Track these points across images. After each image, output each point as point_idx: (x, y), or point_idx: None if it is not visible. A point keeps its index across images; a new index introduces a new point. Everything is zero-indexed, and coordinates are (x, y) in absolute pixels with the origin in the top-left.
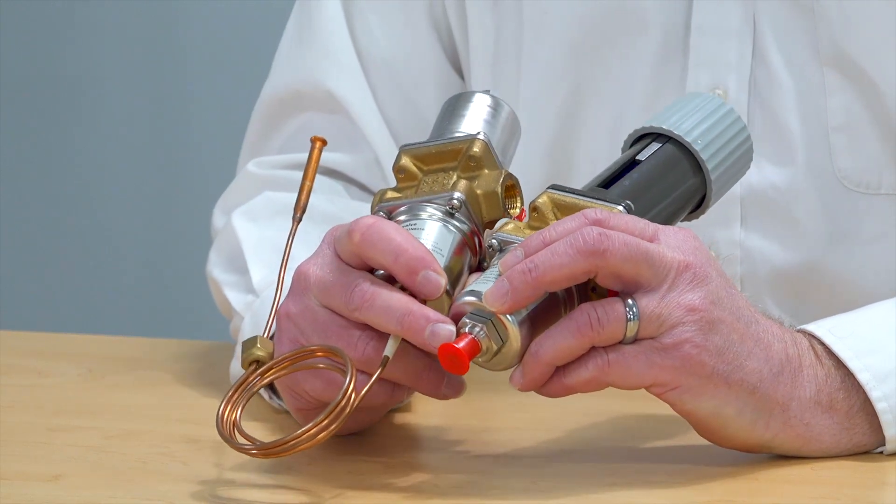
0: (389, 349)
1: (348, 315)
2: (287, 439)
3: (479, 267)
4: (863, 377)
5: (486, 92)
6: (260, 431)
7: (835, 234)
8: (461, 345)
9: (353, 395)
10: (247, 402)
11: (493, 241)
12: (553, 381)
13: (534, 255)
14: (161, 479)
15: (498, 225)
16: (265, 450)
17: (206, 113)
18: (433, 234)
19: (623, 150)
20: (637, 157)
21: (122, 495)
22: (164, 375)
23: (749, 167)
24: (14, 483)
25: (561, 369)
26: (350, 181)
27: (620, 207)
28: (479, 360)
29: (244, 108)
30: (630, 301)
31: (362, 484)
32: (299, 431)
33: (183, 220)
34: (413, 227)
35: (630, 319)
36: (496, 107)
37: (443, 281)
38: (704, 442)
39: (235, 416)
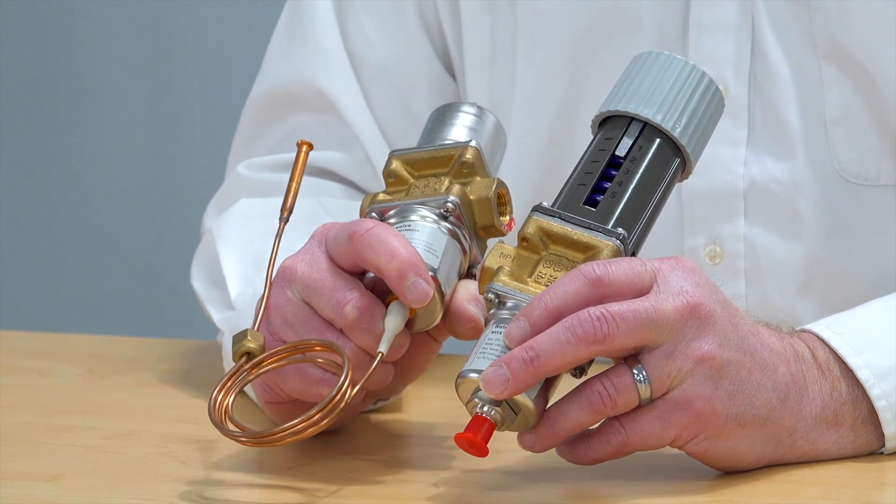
0: (384, 345)
1: (332, 319)
2: (276, 430)
3: (469, 273)
4: (862, 374)
5: (473, 104)
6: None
7: (836, 226)
8: (479, 434)
9: (347, 391)
10: (239, 390)
11: (490, 294)
12: (580, 453)
13: (534, 339)
14: (161, 479)
15: (488, 252)
16: (255, 438)
17: (205, 113)
18: (426, 234)
19: (593, 132)
20: (616, 153)
21: (122, 495)
22: (163, 375)
23: (722, 114)
24: (14, 483)
25: (586, 442)
26: (342, 180)
27: (616, 242)
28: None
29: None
30: (637, 367)
31: (360, 483)
32: (289, 423)
33: (183, 220)
34: (407, 228)
35: (641, 382)
36: (482, 117)
37: (430, 291)
38: None
39: (227, 403)
